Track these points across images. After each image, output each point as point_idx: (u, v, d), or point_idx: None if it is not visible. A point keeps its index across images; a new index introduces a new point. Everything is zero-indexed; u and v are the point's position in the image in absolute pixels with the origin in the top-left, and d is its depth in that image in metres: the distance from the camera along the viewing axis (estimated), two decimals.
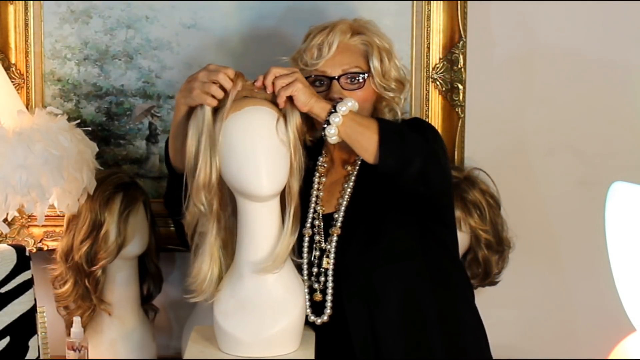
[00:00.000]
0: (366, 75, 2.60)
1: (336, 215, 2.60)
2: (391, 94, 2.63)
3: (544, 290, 3.18)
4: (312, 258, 2.59)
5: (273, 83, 2.42)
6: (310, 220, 2.62)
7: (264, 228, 2.42)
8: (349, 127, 2.43)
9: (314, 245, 2.60)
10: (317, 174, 2.67)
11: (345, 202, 2.60)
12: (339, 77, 2.58)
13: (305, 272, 2.58)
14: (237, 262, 2.45)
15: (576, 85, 3.13)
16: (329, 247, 2.58)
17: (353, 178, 2.62)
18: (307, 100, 2.43)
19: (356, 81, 2.59)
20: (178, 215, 2.49)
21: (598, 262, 2.53)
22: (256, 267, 2.42)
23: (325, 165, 2.68)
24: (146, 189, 3.01)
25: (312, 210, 2.62)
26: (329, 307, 2.55)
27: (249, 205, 2.41)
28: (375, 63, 2.60)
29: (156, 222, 2.99)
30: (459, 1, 3.04)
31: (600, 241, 2.36)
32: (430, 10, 3.05)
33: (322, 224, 2.61)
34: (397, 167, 2.42)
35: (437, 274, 2.55)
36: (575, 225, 3.12)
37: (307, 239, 2.60)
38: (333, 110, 2.43)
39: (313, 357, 2.45)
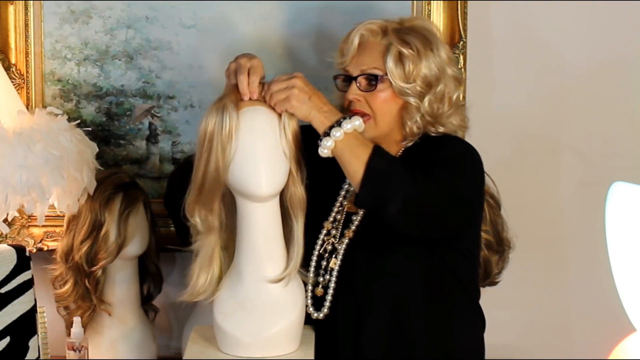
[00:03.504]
0: (382, 76, 2.53)
1: (354, 217, 2.57)
2: (411, 99, 2.52)
3: (544, 291, 3.18)
4: (323, 251, 2.56)
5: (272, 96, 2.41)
6: (334, 213, 2.59)
7: (264, 228, 2.42)
8: (340, 150, 2.39)
9: (327, 239, 2.57)
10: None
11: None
12: (357, 77, 2.54)
13: (313, 264, 2.56)
14: (237, 263, 2.45)
15: (576, 85, 3.13)
16: (339, 247, 2.55)
17: None
18: (306, 114, 2.41)
19: (373, 82, 2.53)
20: (178, 215, 2.48)
21: (598, 262, 2.53)
22: (256, 268, 2.42)
23: None
24: (146, 189, 3.00)
25: (338, 204, 2.60)
26: (326, 307, 2.54)
27: (248, 206, 2.41)
28: (389, 64, 2.51)
29: (156, 222, 2.99)
30: (459, 1, 3.04)
31: (600, 241, 2.36)
32: (430, 11, 3.05)
33: (342, 219, 2.59)
34: (374, 206, 2.39)
35: (435, 296, 2.50)
36: (575, 225, 3.13)
37: (324, 231, 2.57)
38: (327, 132, 2.39)
39: (313, 357, 2.45)
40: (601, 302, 2.88)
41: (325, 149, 2.41)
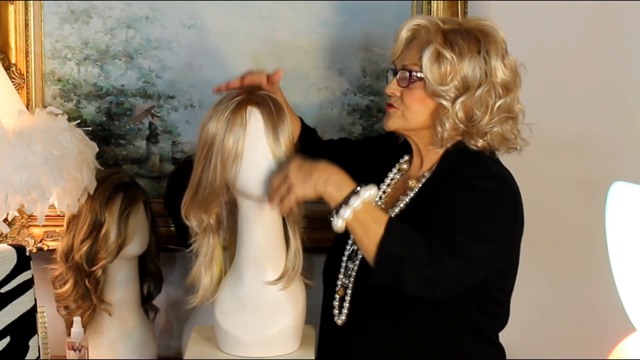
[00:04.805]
0: (417, 74, 2.41)
1: None
2: (443, 102, 2.40)
3: (544, 290, 3.18)
4: (351, 253, 2.51)
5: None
6: None
7: (265, 228, 2.42)
8: (351, 227, 2.30)
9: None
10: (395, 170, 2.56)
11: (393, 214, 2.47)
12: (397, 71, 2.46)
13: (343, 264, 2.51)
14: (238, 262, 2.45)
15: (576, 84, 3.13)
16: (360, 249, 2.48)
17: (411, 195, 2.48)
18: (314, 193, 2.32)
19: (408, 78, 2.42)
20: (178, 215, 2.48)
21: (598, 262, 2.53)
22: (257, 268, 2.42)
23: (406, 166, 2.56)
24: (146, 189, 3.01)
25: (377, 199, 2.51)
26: (344, 313, 2.50)
27: (249, 206, 2.41)
28: (425, 62, 2.39)
29: (156, 222, 2.99)
30: (459, 1, 3.04)
31: (600, 241, 2.35)
32: (430, 11, 3.04)
33: None
34: (389, 286, 2.31)
35: (432, 316, 2.41)
36: (575, 225, 3.12)
37: None
38: (337, 210, 2.29)
39: (313, 357, 2.45)
40: (601, 302, 2.88)
41: (336, 228, 2.32)
